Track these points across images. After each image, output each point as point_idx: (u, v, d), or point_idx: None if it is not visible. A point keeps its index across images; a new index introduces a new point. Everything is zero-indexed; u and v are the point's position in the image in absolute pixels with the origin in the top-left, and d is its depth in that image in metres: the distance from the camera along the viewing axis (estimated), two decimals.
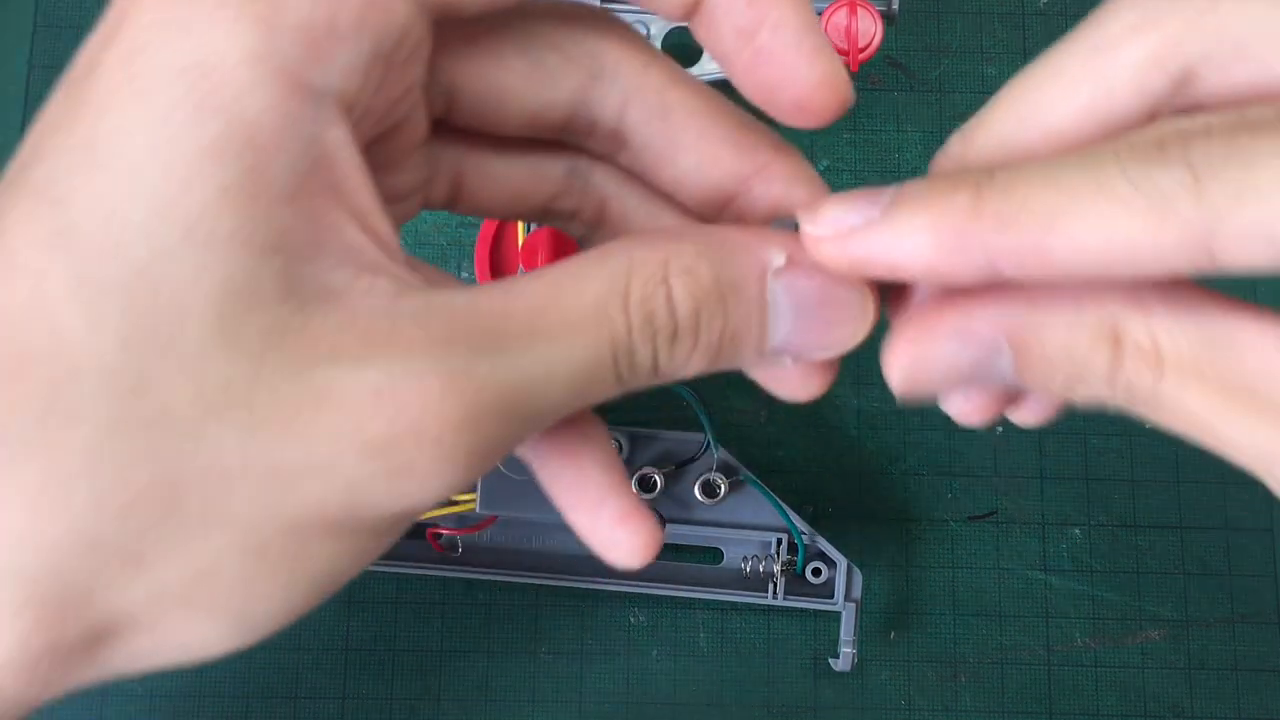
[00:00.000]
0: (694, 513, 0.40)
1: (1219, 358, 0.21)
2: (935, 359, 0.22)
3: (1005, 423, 0.43)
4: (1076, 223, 0.20)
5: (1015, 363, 0.22)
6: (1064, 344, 0.22)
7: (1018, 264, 0.21)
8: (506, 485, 0.38)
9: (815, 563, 0.40)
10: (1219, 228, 0.20)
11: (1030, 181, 0.21)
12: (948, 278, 0.21)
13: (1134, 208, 0.20)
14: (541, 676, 0.42)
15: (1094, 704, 0.41)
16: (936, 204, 0.21)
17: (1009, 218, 0.21)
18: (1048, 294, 0.22)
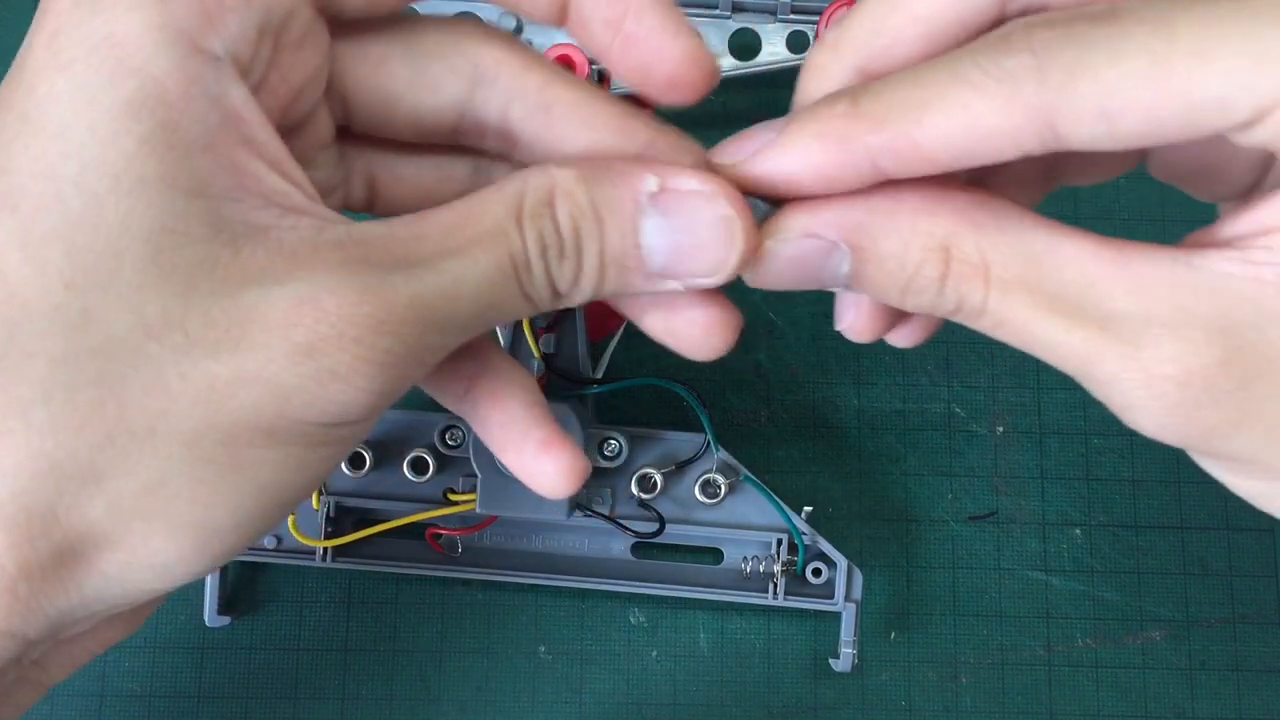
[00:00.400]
0: (694, 513, 0.40)
1: (1042, 270, 0.24)
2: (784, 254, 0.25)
3: (1006, 423, 0.43)
4: (939, 113, 0.23)
5: (853, 266, 0.25)
6: (897, 251, 0.24)
7: (895, 159, 0.24)
8: (506, 485, 0.38)
9: (815, 563, 0.40)
10: (1059, 104, 0.22)
11: (899, 84, 0.24)
12: (839, 182, 0.24)
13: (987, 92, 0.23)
14: (541, 676, 0.42)
15: (1095, 704, 0.41)
16: (820, 116, 0.24)
17: (881, 117, 0.23)
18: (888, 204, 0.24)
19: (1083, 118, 0.22)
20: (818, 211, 0.25)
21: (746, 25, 0.41)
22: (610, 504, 0.40)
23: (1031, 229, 0.24)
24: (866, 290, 0.26)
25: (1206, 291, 0.23)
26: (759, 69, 0.41)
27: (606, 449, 0.40)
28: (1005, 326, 0.24)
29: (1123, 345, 0.23)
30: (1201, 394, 0.23)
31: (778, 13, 0.41)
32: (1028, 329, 0.24)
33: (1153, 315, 0.23)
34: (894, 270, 0.25)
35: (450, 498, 0.39)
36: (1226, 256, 0.23)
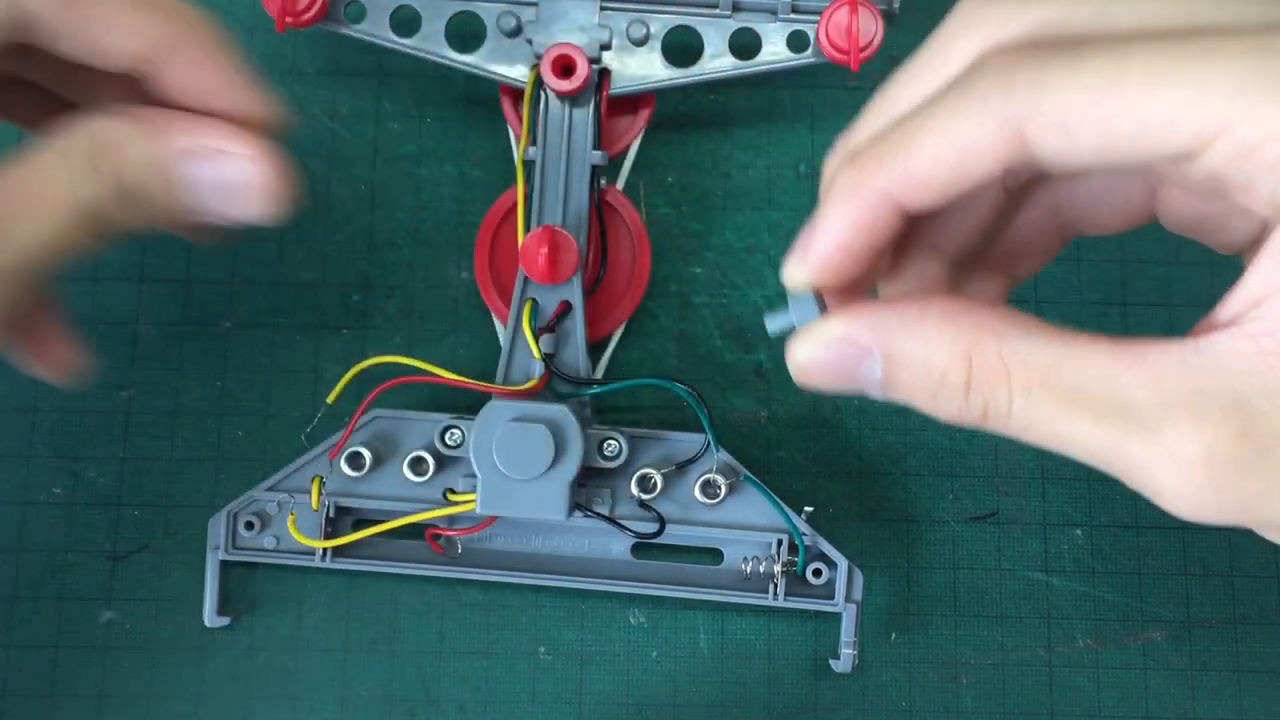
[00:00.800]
0: (694, 513, 0.40)
1: (1063, 371, 0.25)
2: (823, 358, 0.28)
3: None
4: (926, 138, 0.26)
5: (885, 373, 0.27)
6: (923, 358, 0.27)
7: (901, 190, 0.26)
8: (506, 485, 0.37)
9: (816, 563, 0.40)
10: (1026, 114, 0.25)
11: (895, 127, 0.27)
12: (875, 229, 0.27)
13: (962, 112, 0.25)
14: (541, 676, 0.42)
15: (1096, 705, 0.41)
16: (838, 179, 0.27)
17: (880, 157, 0.27)
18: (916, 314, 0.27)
19: (1047, 129, 0.25)
20: (854, 319, 0.27)
21: (747, 25, 0.41)
22: (610, 504, 0.40)
23: (1049, 335, 0.26)
24: (898, 396, 0.28)
25: (1216, 371, 0.24)
26: (759, 69, 0.41)
27: (606, 449, 0.40)
28: (1033, 428, 0.26)
29: (1146, 433, 0.25)
30: (1228, 468, 0.24)
31: (778, 12, 0.41)
32: (1054, 428, 0.26)
33: (1169, 400, 0.24)
34: (922, 376, 0.27)
35: (450, 498, 0.39)
36: (1229, 334, 0.24)
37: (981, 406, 0.26)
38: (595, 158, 0.41)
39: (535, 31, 0.41)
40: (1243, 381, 0.24)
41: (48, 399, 0.43)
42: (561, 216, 0.40)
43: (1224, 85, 0.23)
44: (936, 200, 0.27)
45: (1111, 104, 0.24)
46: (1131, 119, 0.24)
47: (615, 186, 0.43)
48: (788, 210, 0.45)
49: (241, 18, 0.45)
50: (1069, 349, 0.25)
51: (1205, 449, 0.24)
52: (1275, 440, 0.24)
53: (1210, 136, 0.23)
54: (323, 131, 0.45)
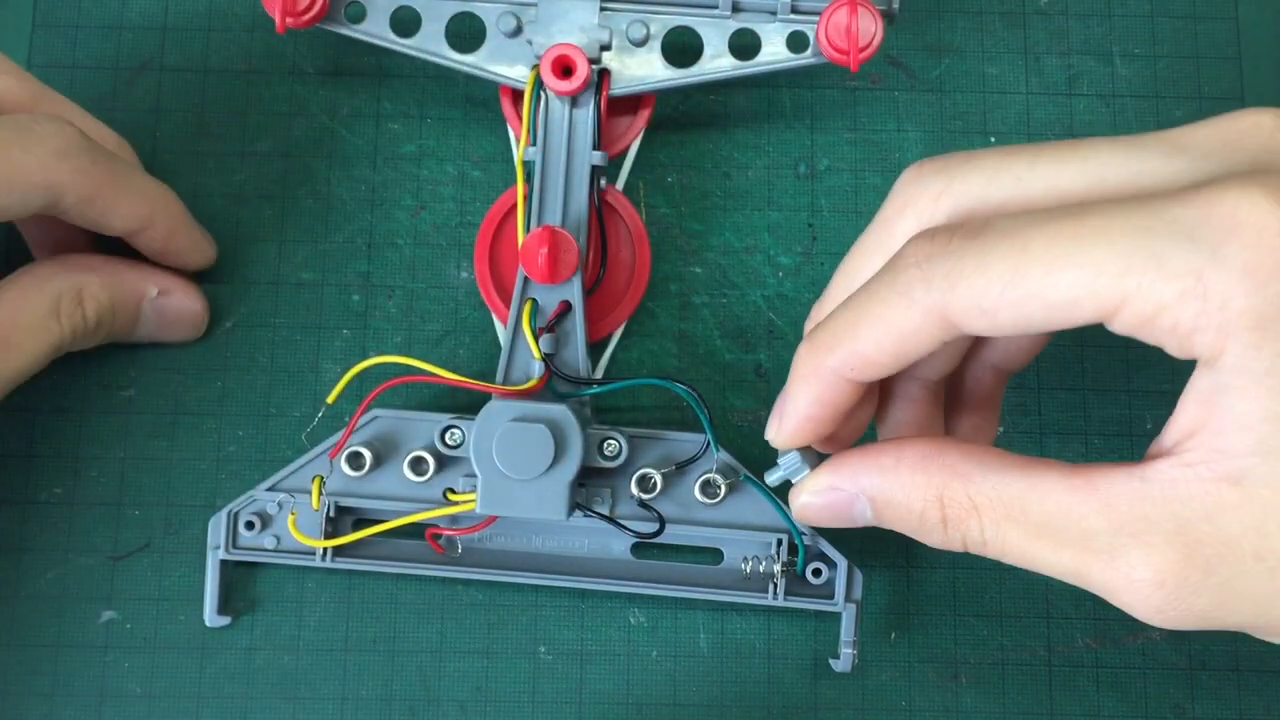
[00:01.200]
0: (694, 513, 0.40)
1: (1025, 505, 0.29)
2: (817, 504, 0.33)
3: (1006, 422, 0.43)
4: (867, 328, 0.30)
5: (873, 512, 0.32)
6: (903, 502, 0.31)
7: (853, 370, 0.31)
8: (506, 485, 0.37)
9: (816, 563, 0.40)
10: (947, 304, 0.28)
11: (839, 312, 0.31)
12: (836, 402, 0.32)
13: (893, 304, 0.29)
14: (541, 676, 0.42)
15: (1095, 705, 0.41)
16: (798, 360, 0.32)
17: (830, 344, 0.31)
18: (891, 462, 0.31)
19: (968, 313, 0.28)
20: (839, 470, 0.32)
21: (746, 25, 0.41)
22: (610, 504, 0.40)
23: (1010, 471, 0.29)
24: (890, 527, 0.32)
25: (1161, 499, 0.27)
26: (759, 69, 0.41)
27: (606, 449, 0.40)
28: (1007, 554, 0.30)
29: (1104, 558, 0.28)
30: (1179, 589, 0.27)
31: (777, 13, 0.41)
32: (1024, 554, 0.29)
33: (1120, 528, 0.27)
34: (905, 515, 0.31)
35: (450, 498, 0.39)
36: (1170, 464, 0.27)
37: (960, 539, 0.30)
38: (595, 158, 0.41)
39: (535, 32, 0.41)
40: (1185, 508, 0.27)
41: (48, 399, 0.43)
42: (561, 216, 0.40)
43: (1114, 266, 0.26)
44: (884, 373, 0.31)
45: (1019, 290, 0.27)
46: (1040, 300, 0.27)
47: (615, 187, 0.43)
48: (787, 210, 0.45)
49: (242, 18, 0.46)
50: (1030, 482, 0.29)
51: (1156, 574, 0.27)
52: (1219, 561, 0.27)
53: (1111, 310, 0.26)
54: (323, 131, 0.45)
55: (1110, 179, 0.29)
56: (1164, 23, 0.47)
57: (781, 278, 0.44)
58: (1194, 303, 0.26)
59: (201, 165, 0.45)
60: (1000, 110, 0.46)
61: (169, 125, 0.45)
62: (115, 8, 0.46)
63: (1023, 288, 0.27)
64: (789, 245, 0.45)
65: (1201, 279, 0.26)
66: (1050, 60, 0.46)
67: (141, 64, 0.46)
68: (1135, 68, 0.46)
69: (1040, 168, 0.30)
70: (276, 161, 0.45)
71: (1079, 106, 0.46)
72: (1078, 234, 0.27)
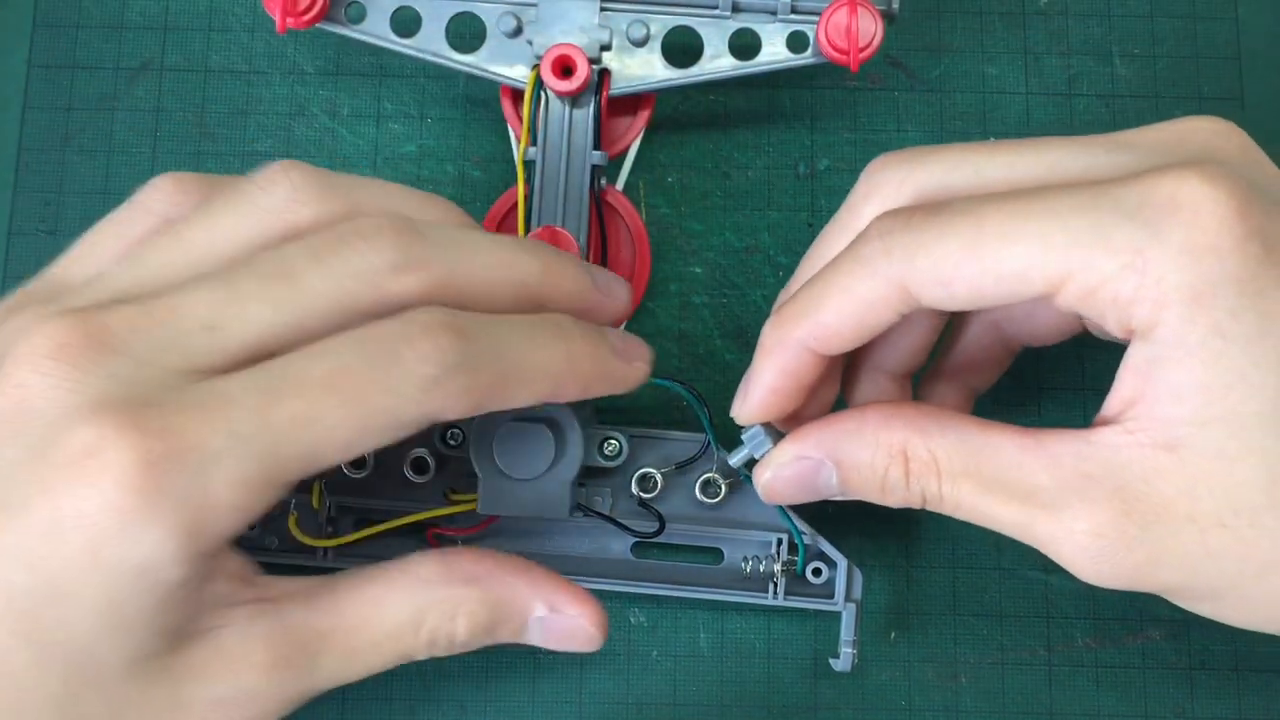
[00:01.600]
0: (694, 513, 0.40)
1: (980, 460, 0.31)
2: (784, 476, 0.34)
3: (1003, 419, 0.43)
4: (831, 299, 0.31)
5: (839, 478, 0.33)
6: (868, 460, 0.32)
7: (818, 341, 0.32)
8: (508, 486, 0.37)
9: (816, 563, 0.40)
10: (907, 275, 0.30)
11: (807, 287, 0.32)
12: (799, 373, 0.33)
13: (856, 274, 0.31)
14: (541, 676, 0.42)
15: (1095, 704, 0.41)
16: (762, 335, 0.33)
17: (797, 315, 0.32)
18: (855, 425, 0.32)
19: (925, 284, 0.30)
20: (804, 439, 0.33)
21: (747, 25, 0.41)
22: (610, 503, 0.40)
23: (968, 428, 0.31)
24: (854, 494, 0.33)
25: (1102, 461, 0.29)
26: (759, 69, 0.41)
27: (607, 448, 0.40)
28: (960, 508, 0.31)
29: (1046, 512, 0.30)
30: (1115, 542, 0.29)
31: (777, 13, 0.41)
32: (975, 508, 0.31)
33: (1065, 484, 0.29)
34: (869, 476, 0.32)
35: (451, 498, 0.39)
36: (1113, 430, 0.29)
37: (920, 494, 0.32)
38: (595, 158, 0.41)
39: (535, 32, 0.41)
40: (1125, 469, 0.29)
41: None
42: (561, 217, 0.40)
43: (1061, 240, 0.28)
44: (847, 345, 0.32)
45: (974, 262, 0.29)
46: (993, 273, 0.29)
47: (615, 187, 0.43)
48: (787, 210, 0.45)
49: (242, 18, 0.46)
50: (985, 440, 0.31)
51: (1095, 526, 0.29)
52: (1154, 517, 0.29)
53: (1058, 282, 0.28)
54: (323, 132, 0.45)
55: (1061, 170, 0.31)
56: (1163, 23, 0.47)
57: (781, 278, 0.44)
58: (1133, 276, 0.28)
59: (202, 165, 0.45)
60: (1000, 110, 0.46)
61: (169, 125, 0.45)
62: (115, 8, 0.46)
63: (977, 260, 0.29)
64: (789, 245, 0.45)
65: (1141, 254, 0.28)
66: (1050, 60, 0.46)
67: (141, 64, 0.46)
68: (1135, 68, 0.46)
69: (998, 159, 0.32)
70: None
71: (1079, 106, 0.46)
72: (1029, 211, 0.29)
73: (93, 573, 0.27)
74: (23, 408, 0.28)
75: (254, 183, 0.32)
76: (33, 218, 0.44)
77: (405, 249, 0.30)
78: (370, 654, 0.32)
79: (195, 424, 0.27)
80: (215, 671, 0.30)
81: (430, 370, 0.29)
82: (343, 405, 0.28)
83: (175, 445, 0.27)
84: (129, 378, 0.28)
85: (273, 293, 0.29)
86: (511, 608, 0.34)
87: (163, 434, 0.27)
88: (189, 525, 0.27)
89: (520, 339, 0.31)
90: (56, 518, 0.27)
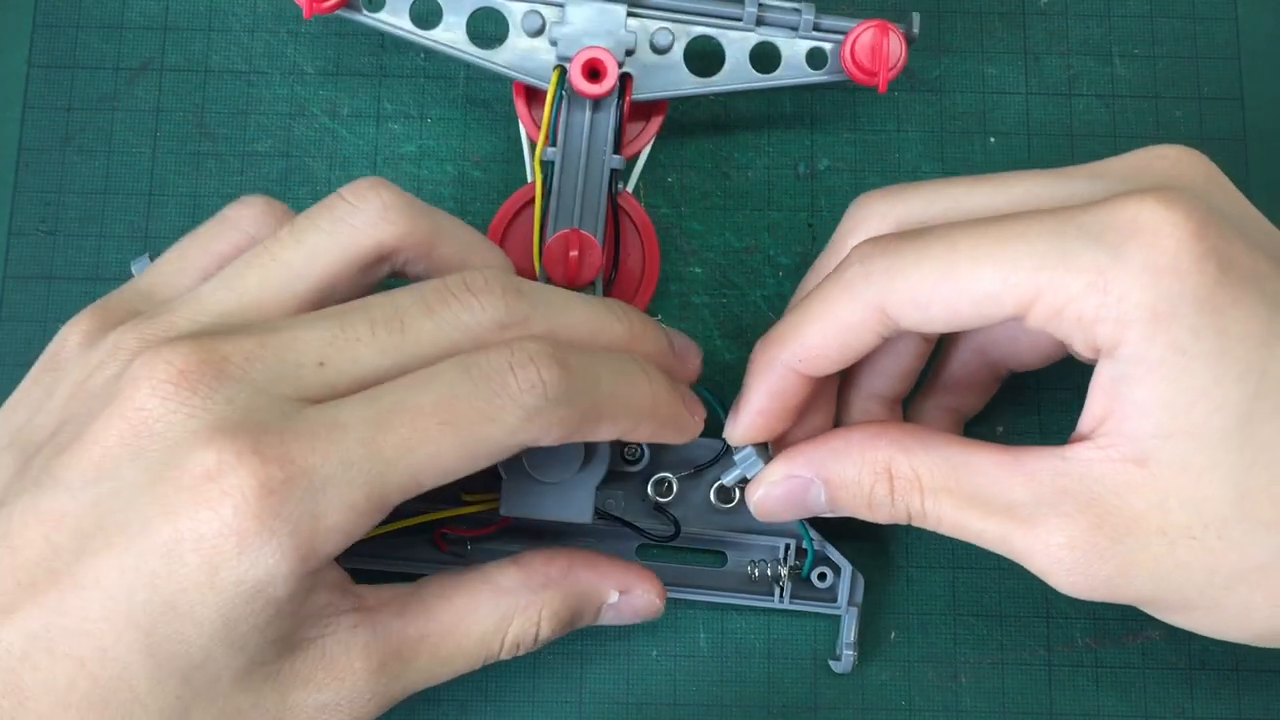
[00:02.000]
0: (708, 516, 0.40)
1: (960, 477, 0.32)
2: (775, 494, 0.35)
3: (1005, 423, 0.43)
4: (814, 323, 0.33)
5: (827, 495, 0.34)
6: (854, 478, 0.34)
7: (802, 363, 0.33)
8: (532, 488, 0.37)
9: (820, 567, 0.40)
10: (885, 298, 0.31)
11: (792, 310, 0.34)
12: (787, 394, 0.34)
13: (837, 298, 0.32)
14: (541, 676, 0.42)
15: (1095, 704, 0.41)
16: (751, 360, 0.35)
17: (781, 337, 0.34)
18: (841, 444, 0.34)
19: (903, 306, 0.31)
20: (794, 458, 0.35)
21: (768, 39, 0.41)
22: (622, 506, 0.40)
23: (950, 446, 0.32)
24: (842, 511, 0.35)
25: (1076, 476, 0.30)
26: (779, 83, 0.42)
27: (628, 453, 0.40)
28: (942, 523, 0.32)
29: (1023, 525, 0.31)
30: (1088, 554, 0.30)
31: (799, 29, 0.41)
32: (956, 522, 0.32)
33: (1041, 499, 0.31)
34: (856, 493, 0.34)
35: (465, 498, 0.39)
36: (1086, 446, 0.31)
37: (905, 509, 0.33)
38: (614, 162, 0.41)
39: (559, 33, 0.40)
40: (1098, 484, 0.30)
41: None
42: (579, 219, 0.40)
43: (1029, 262, 0.29)
44: (832, 367, 0.33)
45: (948, 285, 0.30)
46: (967, 295, 0.30)
47: (627, 190, 0.43)
48: (787, 210, 0.45)
49: (242, 18, 0.45)
50: (966, 457, 0.32)
51: (1069, 538, 0.30)
52: (1125, 530, 0.30)
53: (1028, 302, 0.29)
54: (323, 132, 0.45)
55: (1034, 200, 0.32)
56: (1163, 23, 0.47)
57: (781, 278, 0.44)
58: (1096, 295, 0.29)
59: (202, 165, 0.45)
60: (1000, 110, 0.46)
61: (169, 125, 0.45)
62: (115, 8, 0.46)
63: (951, 282, 0.30)
64: (789, 245, 0.45)
65: (1104, 274, 0.29)
66: (1050, 60, 0.46)
67: (141, 64, 0.45)
68: (1135, 68, 0.46)
69: (976, 192, 0.33)
70: (277, 162, 0.45)
71: (1078, 106, 0.46)
72: (1000, 235, 0.30)
73: (209, 592, 0.28)
74: (142, 431, 0.29)
75: (344, 199, 0.33)
76: (33, 218, 0.44)
77: (511, 307, 0.32)
78: (458, 659, 0.34)
79: (309, 451, 0.29)
80: (321, 679, 0.31)
81: (533, 401, 0.31)
82: (449, 434, 0.30)
83: (292, 472, 0.28)
84: (246, 404, 0.29)
85: (382, 339, 0.31)
86: (588, 600, 0.36)
87: (281, 461, 0.28)
88: (301, 548, 0.29)
89: (612, 374, 0.33)
90: (176, 539, 0.28)
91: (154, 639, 0.29)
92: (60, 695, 0.29)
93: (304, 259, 0.33)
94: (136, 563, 0.28)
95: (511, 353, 0.31)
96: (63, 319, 0.35)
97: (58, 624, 0.29)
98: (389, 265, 0.34)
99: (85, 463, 0.29)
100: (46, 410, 0.32)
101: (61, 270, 0.44)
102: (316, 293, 0.33)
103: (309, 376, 0.30)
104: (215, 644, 0.29)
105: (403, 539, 0.41)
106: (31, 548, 0.29)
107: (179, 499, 0.28)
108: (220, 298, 0.32)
